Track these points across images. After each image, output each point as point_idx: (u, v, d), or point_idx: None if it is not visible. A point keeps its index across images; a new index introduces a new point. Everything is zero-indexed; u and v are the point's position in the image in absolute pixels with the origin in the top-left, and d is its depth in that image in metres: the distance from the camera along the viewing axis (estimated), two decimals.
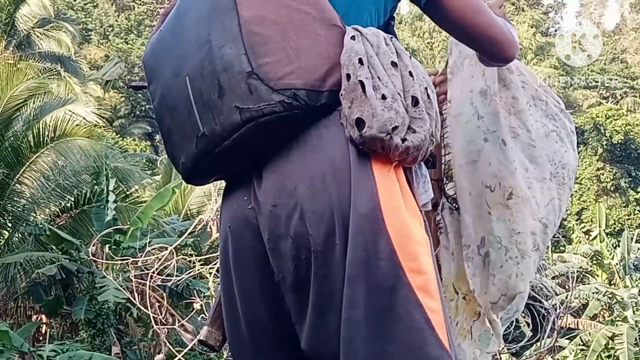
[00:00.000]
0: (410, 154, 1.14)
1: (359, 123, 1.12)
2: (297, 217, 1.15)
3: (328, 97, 1.17)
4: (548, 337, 4.56)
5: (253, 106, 1.13)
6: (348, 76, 1.15)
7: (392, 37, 1.22)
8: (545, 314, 4.49)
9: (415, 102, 1.16)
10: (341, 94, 1.15)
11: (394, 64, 1.18)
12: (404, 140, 1.13)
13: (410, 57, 1.21)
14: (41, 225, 9.58)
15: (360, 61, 1.15)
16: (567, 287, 11.13)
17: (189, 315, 6.78)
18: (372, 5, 1.28)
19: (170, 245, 6.77)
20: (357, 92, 1.13)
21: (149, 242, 7.67)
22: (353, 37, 1.18)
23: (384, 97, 1.13)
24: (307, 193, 1.15)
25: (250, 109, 1.13)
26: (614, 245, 20.45)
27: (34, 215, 10.67)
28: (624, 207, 28.94)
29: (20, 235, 10.26)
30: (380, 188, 1.14)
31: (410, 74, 1.19)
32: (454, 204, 1.68)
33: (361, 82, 1.13)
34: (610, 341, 14.81)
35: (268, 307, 1.23)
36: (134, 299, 6.57)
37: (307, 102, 1.14)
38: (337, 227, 1.13)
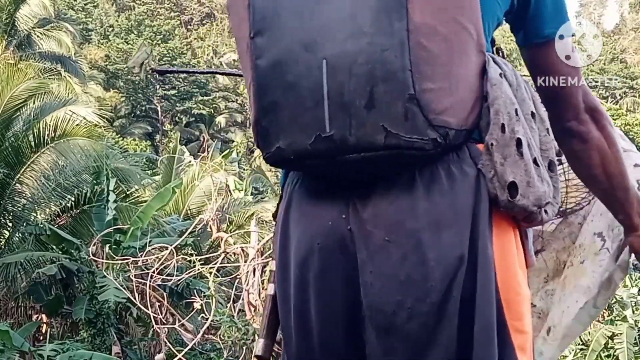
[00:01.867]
0: (541, 222, 1.10)
1: (511, 186, 1.04)
2: (415, 262, 1.05)
3: (465, 135, 1.07)
4: None
5: (404, 135, 1.00)
6: (503, 127, 1.06)
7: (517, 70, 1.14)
8: None
9: (552, 167, 1.11)
10: (491, 144, 1.06)
11: (533, 115, 1.11)
12: (546, 212, 1.08)
13: (538, 99, 1.14)
14: (41, 225, 9.58)
15: (517, 112, 1.06)
16: None
17: (189, 315, 6.79)
18: (492, 26, 1.17)
19: (170, 245, 6.79)
20: (511, 148, 1.05)
21: (149, 242, 7.69)
22: (501, 75, 1.08)
23: (535, 163, 1.06)
24: (432, 239, 1.04)
25: (399, 136, 1.00)
26: None
27: (35, 215, 10.67)
28: None
29: (20, 235, 10.26)
30: (499, 242, 1.08)
31: (548, 131, 1.13)
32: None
33: (518, 140, 1.05)
34: (610, 340, 14.81)
35: (346, 334, 1.12)
36: (135, 298, 6.59)
37: (451, 142, 1.04)
38: (457, 279, 1.05)
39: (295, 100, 1.04)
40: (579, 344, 14.65)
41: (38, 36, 23.03)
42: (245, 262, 6.65)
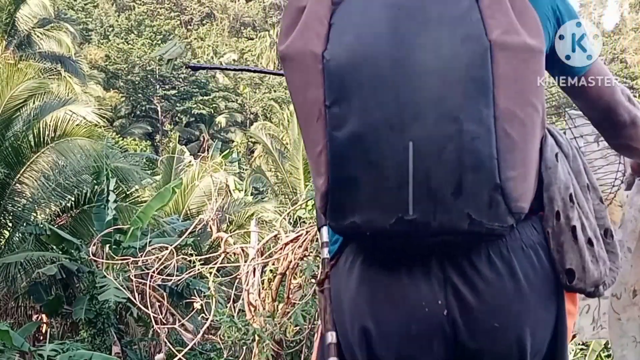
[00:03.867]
0: (600, 295, 1.16)
1: (568, 272, 1.09)
2: (518, 341, 1.09)
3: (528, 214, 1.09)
4: None
5: (487, 222, 1.01)
6: (557, 214, 1.09)
7: (572, 139, 1.16)
8: None
9: (608, 234, 1.15)
10: (548, 231, 1.10)
11: (587, 187, 1.14)
12: (604, 285, 1.13)
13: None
14: (41, 225, 9.58)
15: (571, 198, 1.09)
16: None
17: (189, 315, 6.79)
18: None
19: (170, 245, 6.79)
20: (566, 235, 1.09)
21: (149, 242, 7.68)
22: (556, 156, 1.11)
23: (590, 243, 1.10)
24: (533, 319, 1.09)
25: (482, 223, 1.01)
26: None
27: (35, 215, 10.68)
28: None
29: (20, 235, 10.25)
30: (569, 319, 1.15)
31: (601, 200, 1.16)
32: None
33: (573, 227, 1.08)
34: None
35: None
36: (134, 298, 6.59)
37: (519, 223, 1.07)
38: (544, 353, 1.12)
39: (377, 179, 1.02)
40: (579, 344, 14.64)
41: (38, 36, 23.04)
42: (245, 262, 6.64)
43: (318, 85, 1.02)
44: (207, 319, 6.06)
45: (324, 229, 1.20)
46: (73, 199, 10.64)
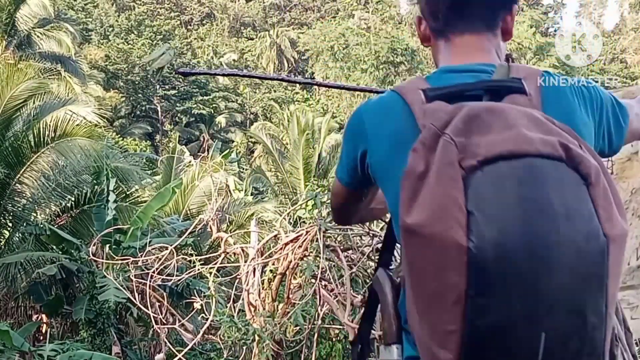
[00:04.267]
0: None
1: None
2: None
3: None
4: None
5: None
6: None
7: None
8: None
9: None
10: None
11: (622, 322, 1.27)
12: None
13: None
14: (41, 225, 9.58)
15: (616, 337, 1.23)
16: None
17: (189, 315, 6.79)
18: None
19: (170, 245, 6.79)
20: None
21: (149, 242, 7.68)
22: None
23: None
24: None
25: None
26: None
27: (35, 215, 10.68)
28: None
29: (20, 235, 10.26)
30: None
31: (628, 329, 1.26)
32: None
33: None
34: None
35: None
36: (134, 298, 6.59)
37: None
38: None
39: None
40: None
41: (38, 36, 23.05)
42: (245, 262, 6.64)
43: (460, 273, 1.06)
44: (207, 319, 6.06)
45: (394, 348, 1.29)
46: (73, 199, 10.64)
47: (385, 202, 1.35)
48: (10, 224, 10.58)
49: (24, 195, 10.59)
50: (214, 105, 39.87)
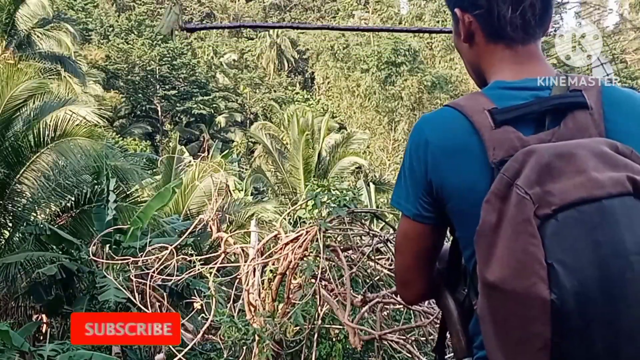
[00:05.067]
0: None
1: None
2: None
3: None
4: None
5: None
6: None
7: None
8: None
9: None
10: None
11: None
12: None
13: None
14: (41, 225, 9.58)
15: None
16: None
17: (189, 315, 6.79)
18: None
19: (170, 245, 6.79)
20: None
21: (149, 242, 7.68)
22: None
23: None
24: None
25: None
26: None
27: (35, 215, 10.67)
28: None
29: (20, 235, 10.25)
30: None
31: None
32: None
33: None
34: None
35: None
36: (135, 298, 6.59)
37: None
38: None
39: None
40: None
41: (38, 36, 23.05)
42: (245, 262, 6.65)
43: (544, 323, 1.11)
44: (207, 319, 6.06)
45: None
46: (73, 199, 10.63)
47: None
48: (10, 224, 10.57)
49: (24, 195, 10.58)
50: (214, 105, 39.86)
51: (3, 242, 10.35)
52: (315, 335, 6.38)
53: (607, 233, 1.10)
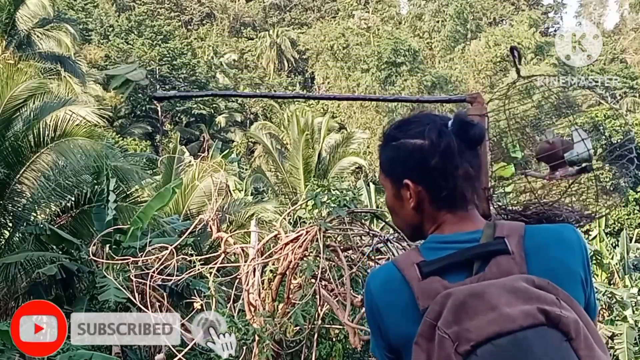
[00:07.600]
0: None
1: None
2: None
3: None
4: None
5: None
6: None
7: None
8: None
9: None
10: None
11: None
12: None
13: None
14: (42, 225, 9.58)
15: None
16: None
17: (189, 315, 6.79)
18: None
19: (170, 245, 6.79)
20: None
21: (149, 242, 7.68)
22: None
23: None
24: None
25: None
26: (614, 245, 20.47)
27: (35, 215, 10.67)
28: (624, 206, 28.96)
29: (20, 235, 10.25)
30: None
31: None
32: None
33: None
34: (610, 340, 14.81)
35: None
36: (135, 298, 6.59)
37: None
38: None
39: None
40: None
41: (38, 36, 23.05)
42: (245, 262, 6.65)
43: None
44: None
45: None
46: (73, 199, 10.63)
47: None
48: (10, 224, 10.57)
49: (24, 195, 10.58)
50: (214, 105, 39.85)
51: (3, 242, 10.35)
52: (315, 335, 6.39)
53: None
